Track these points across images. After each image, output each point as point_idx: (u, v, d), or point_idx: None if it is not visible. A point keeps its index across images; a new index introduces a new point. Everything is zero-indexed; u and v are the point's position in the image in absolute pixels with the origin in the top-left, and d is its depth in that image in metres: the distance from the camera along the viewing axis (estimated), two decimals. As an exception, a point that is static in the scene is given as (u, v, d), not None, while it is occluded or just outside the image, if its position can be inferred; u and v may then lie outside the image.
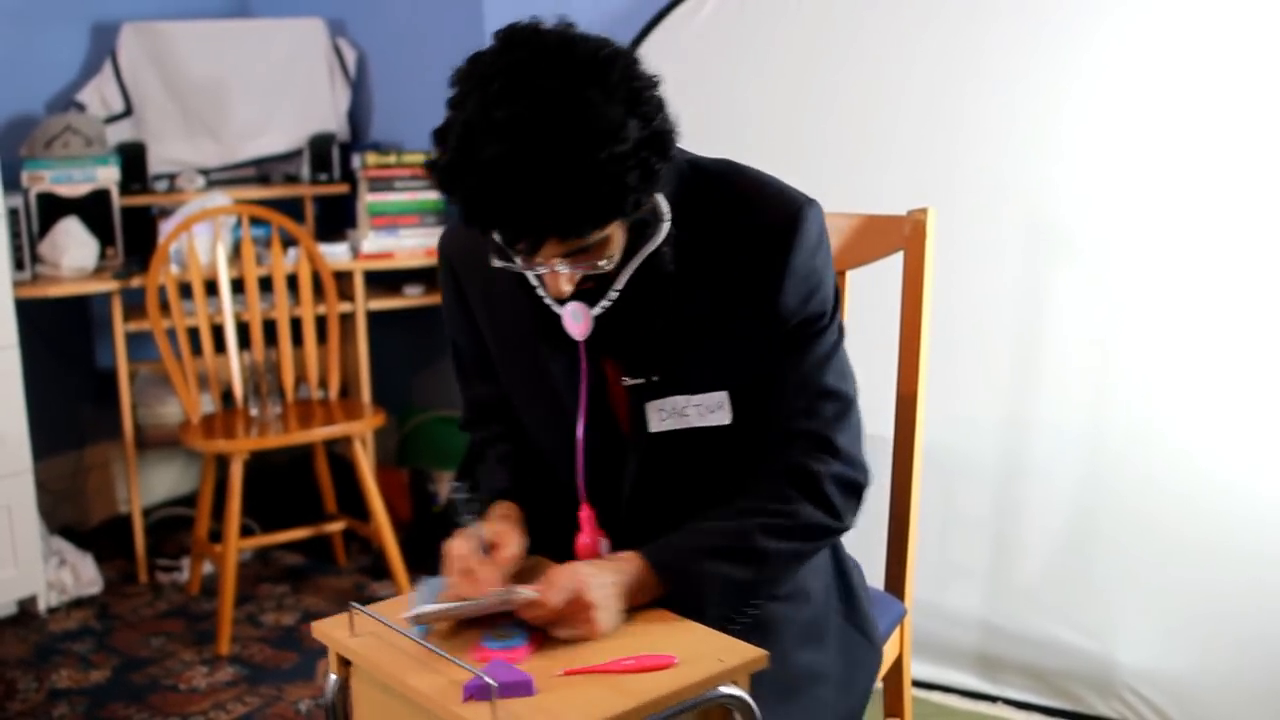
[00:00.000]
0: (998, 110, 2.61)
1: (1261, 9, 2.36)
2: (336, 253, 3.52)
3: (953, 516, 2.63)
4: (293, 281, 3.37)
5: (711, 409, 1.50)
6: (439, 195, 1.38)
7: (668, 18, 3.05)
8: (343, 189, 3.80)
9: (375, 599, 3.27)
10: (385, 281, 3.67)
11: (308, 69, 3.86)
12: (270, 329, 3.37)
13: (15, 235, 3.27)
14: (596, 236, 1.36)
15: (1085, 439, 2.51)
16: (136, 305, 3.46)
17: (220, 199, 3.47)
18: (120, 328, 3.34)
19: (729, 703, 1.30)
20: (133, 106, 3.72)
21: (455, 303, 1.66)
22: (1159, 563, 2.44)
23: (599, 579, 1.38)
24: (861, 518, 1.54)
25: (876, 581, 1.92)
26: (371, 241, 3.52)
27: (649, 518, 1.52)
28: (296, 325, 3.44)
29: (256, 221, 3.39)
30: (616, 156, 1.29)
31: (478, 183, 1.29)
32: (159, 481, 3.94)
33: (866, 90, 2.76)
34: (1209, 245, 2.40)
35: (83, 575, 3.33)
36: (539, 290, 1.48)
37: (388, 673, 1.32)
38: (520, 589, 1.36)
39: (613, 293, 1.46)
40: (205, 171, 3.77)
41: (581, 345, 1.50)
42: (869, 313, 2.09)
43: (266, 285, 3.36)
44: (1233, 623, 2.38)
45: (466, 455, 1.78)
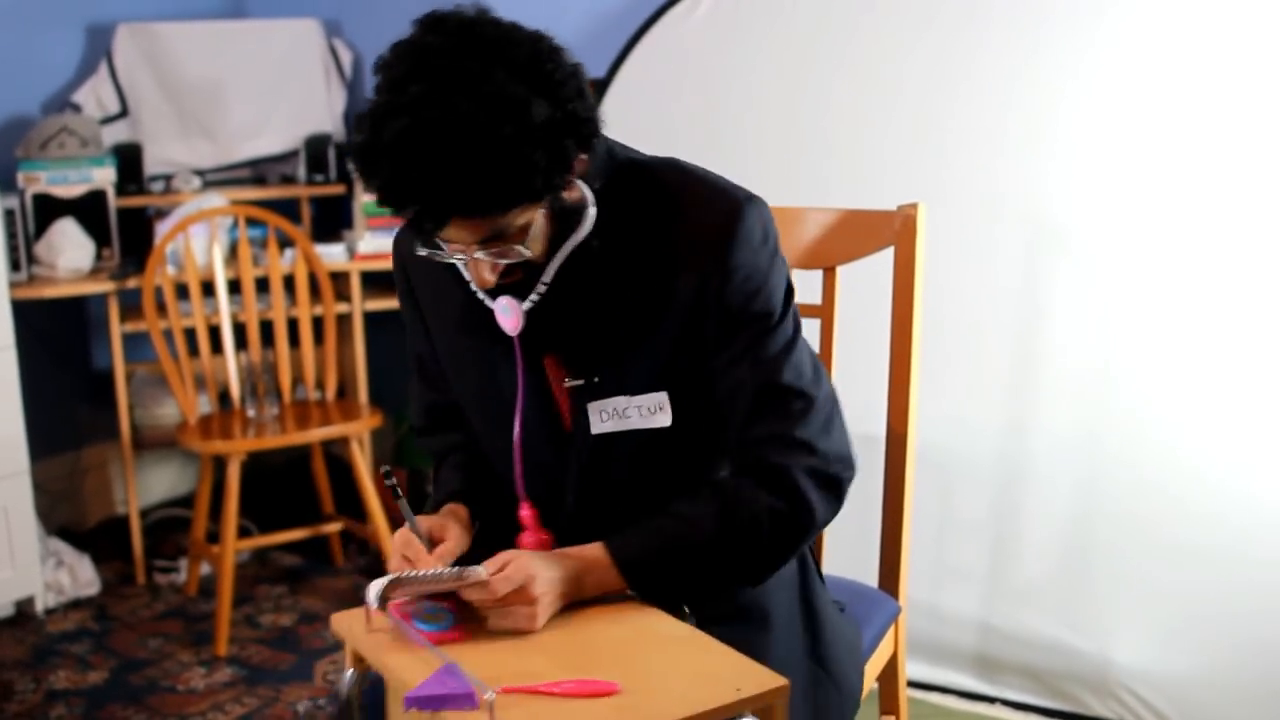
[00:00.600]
0: (994, 110, 2.61)
1: (1258, 8, 2.36)
2: (333, 253, 3.52)
3: (950, 517, 2.63)
4: (289, 282, 3.37)
5: (652, 410, 1.48)
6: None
7: (663, 18, 3.05)
8: (339, 190, 3.79)
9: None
10: (382, 282, 3.67)
11: (303, 70, 3.86)
12: (267, 330, 3.37)
13: (11, 236, 3.26)
14: (510, 221, 1.35)
15: (1082, 440, 2.51)
16: (133, 306, 3.45)
17: (216, 200, 3.47)
18: (117, 329, 3.34)
19: None
20: (128, 107, 3.72)
21: (407, 303, 1.66)
22: (1156, 564, 2.45)
23: (547, 574, 1.37)
24: (857, 516, 1.54)
25: (870, 579, 1.92)
26: (368, 242, 3.52)
27: (594, 518, 1.51)
28: (293, 326, 3.44)
29: (253, 222, 3.39)
30: (521, 133, 1.28)
31: (386, 162, 1.30)
32: (156, 482, 3.93)
33: (861, 90, 2.77)
34: (1205, 246, 2.40)
35: (80, 576, 3.33)
36: (471, 283, 1.47)
37: (389, 669, 1.31)
38: (474, 569, 1.36)
39: (541, 285, 1.44)
40: (201, 172, 3.77)
41: (516, 341, 1.49)
42: (861, 310, 2.09)
43: (263, 286, 3.37)
44: (1229, 624, 2.39)
45: (434, 467, 1.78)
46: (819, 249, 1.91)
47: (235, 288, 3.35)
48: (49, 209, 3.39)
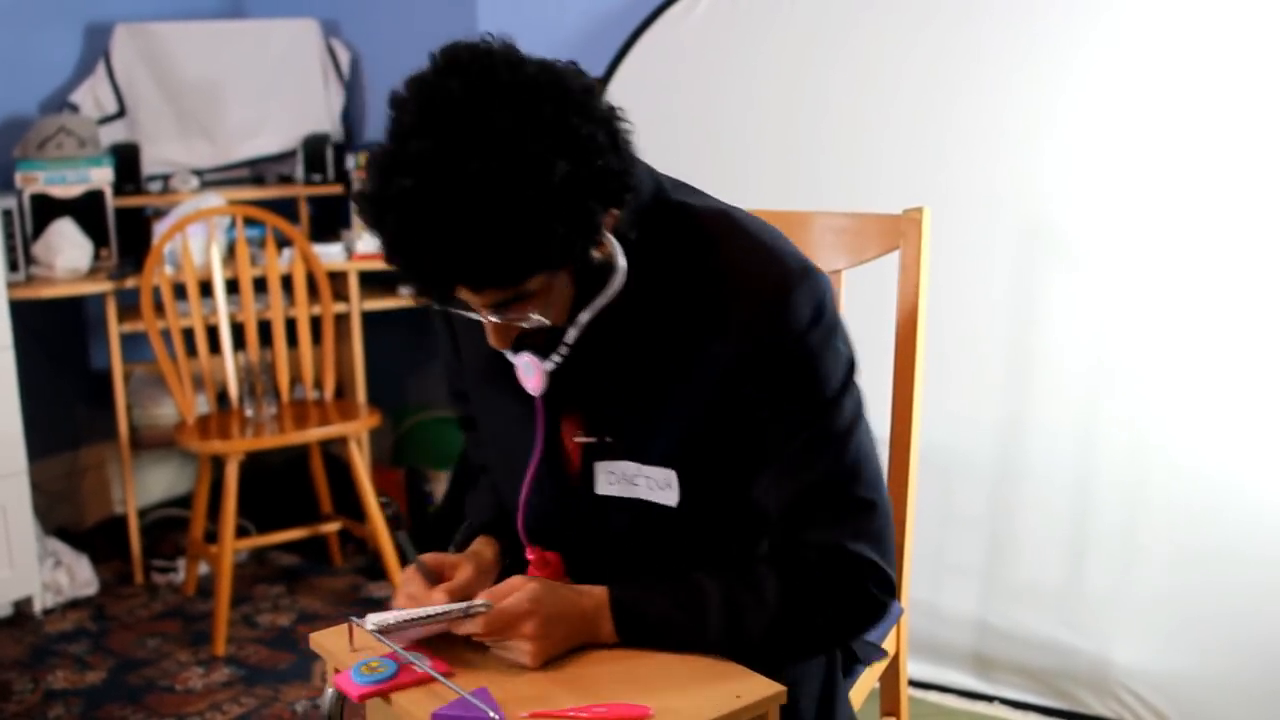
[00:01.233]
0: (992, 111, 2.61)
1: (1255, 9, 2.36)
2: (331, 253, 3.52)
3: (949, 517, 2.63)
4: (287, 282, 3.37)
5: (660, 485, 1.37)
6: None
7: (661, 18, 3.05)
8: (337, 189, 3.79)
9: (371, 600, 3.29)
10: (380, 282, 3.66)
11: (301, 70, 3.86)
12: (265, 330, 3.36)
13: (9, 236, 3.26)
14: (526, 287, 1.24)
15: (1081, 440, 2.51)
16: (131, 306, 3.45)
17: (214, 200, 3.46)
18: (115, 329, 3.34)
19: None
20: (126, 107, 3.71)
21: (442, 322, 1.59)
22: (1155, 563, 2.45)
23: (554, 609, 1.30)
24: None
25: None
26: (366, 242, 3.52)
27: (592, 574, 1.41)
28: (291, 326, 3.43)
29: (251, 222, 3.39)
30: (538, 199, 1.17)
31: (390, 219, 1.20)
32: (154, 482, 3.93)
33: (859, 90, 2.77)
34: (1203, 245, 2.40)
35: (78, 576, 3.33)
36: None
37: (386, 697, 1.27)
38: (474, 603, 1.30)
39: (563, 348, 1.34)
40: (199, 172, 3.76)
41: (538, 401, 1.39)
42: (864, 312, 2.09)
43: (261, 286, 3.36)
44: (1228, 623, 2.39)
45: (456, 473, 1.72)
46: (826, 253, 1.91)
47: (233, 288, 3.35)
48: (47, 209, 3.38)
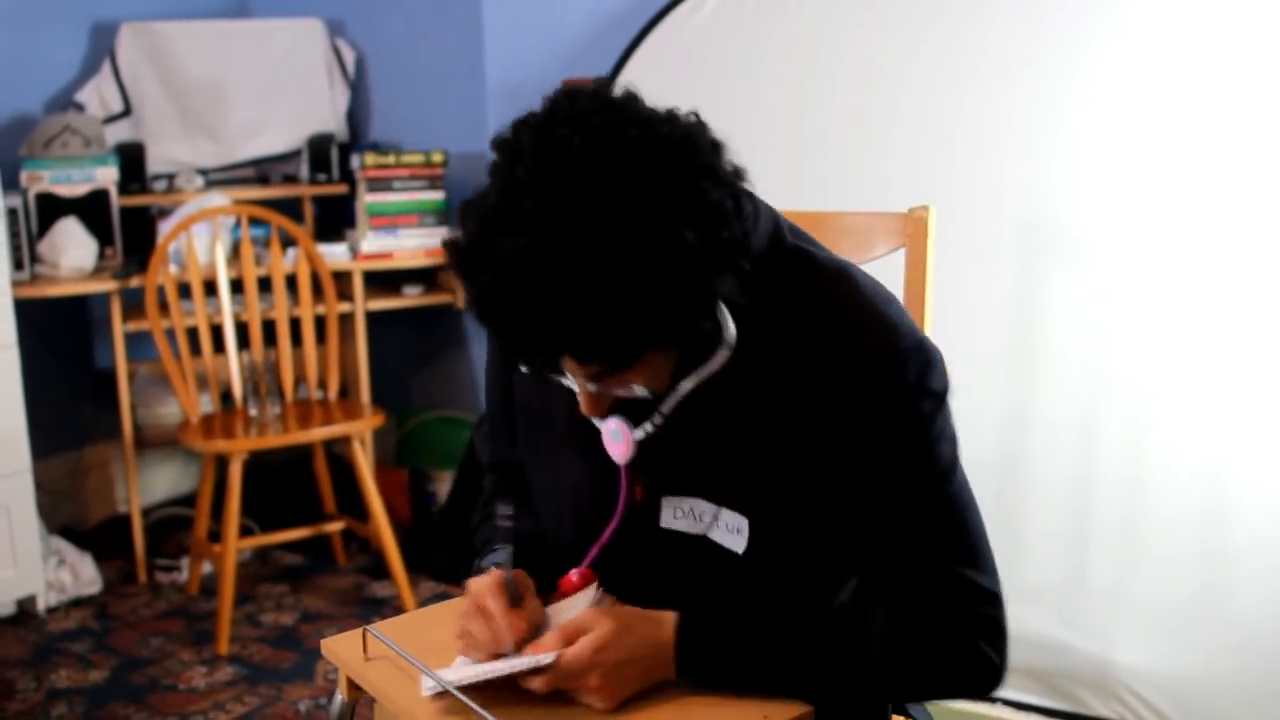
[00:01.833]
0: (997, 110, 2.61)
1: (1261, 9, 2.36)
2: (335, 253, 3.52)
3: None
4: (292, 282, 3.37)
5: (731, 529, 1.27)
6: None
7: (667, 18, 3.05)
8: (341, 189, 3.80)
9: (375, 599, 3.29)
10: (384, 281, 3.67)
11: (306, 69, 3.86)
12: (269, 329, 3.37)
13: (14, 235, 3.27)
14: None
15: (1083, 439, 2.51)
16: (135, 305, 3.45)
17: (219, 199, 3.47)
18: (119, 328, 3.34)
19: None
20: (131, 106, 3.72)
21: (496, 357, 1.48)
22: (1157, 563, 2.44)
23: (622, 653, 1.20)
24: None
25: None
26: (370, 242, 3.53)
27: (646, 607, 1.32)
28: (295, 325, 3.44)
29: (255, 222, 3.40)
30: (659, 272, 1.07)
31: (489, 279, 1.09)
32: (158, 481, 3.94)
33: (865, 90, 2.76)
34: (1207, 245, 2.40)
35: (82, 575, 3.33)
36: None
37: (401, 707, 1.24)
38: (542, 657, 1.21)
39: (657, 417, 1.25)
40: (204, 171, 3.77)
41: (624, 470, 1.30)
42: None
43: (265, 285, 3.37)
44: (1231, 623, 2.38)
45: (461, 474, 1.62)
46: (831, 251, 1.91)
47: (238, 287, 3.35)
48: (52, 208, 3.39)
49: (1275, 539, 2.33)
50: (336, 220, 3.91)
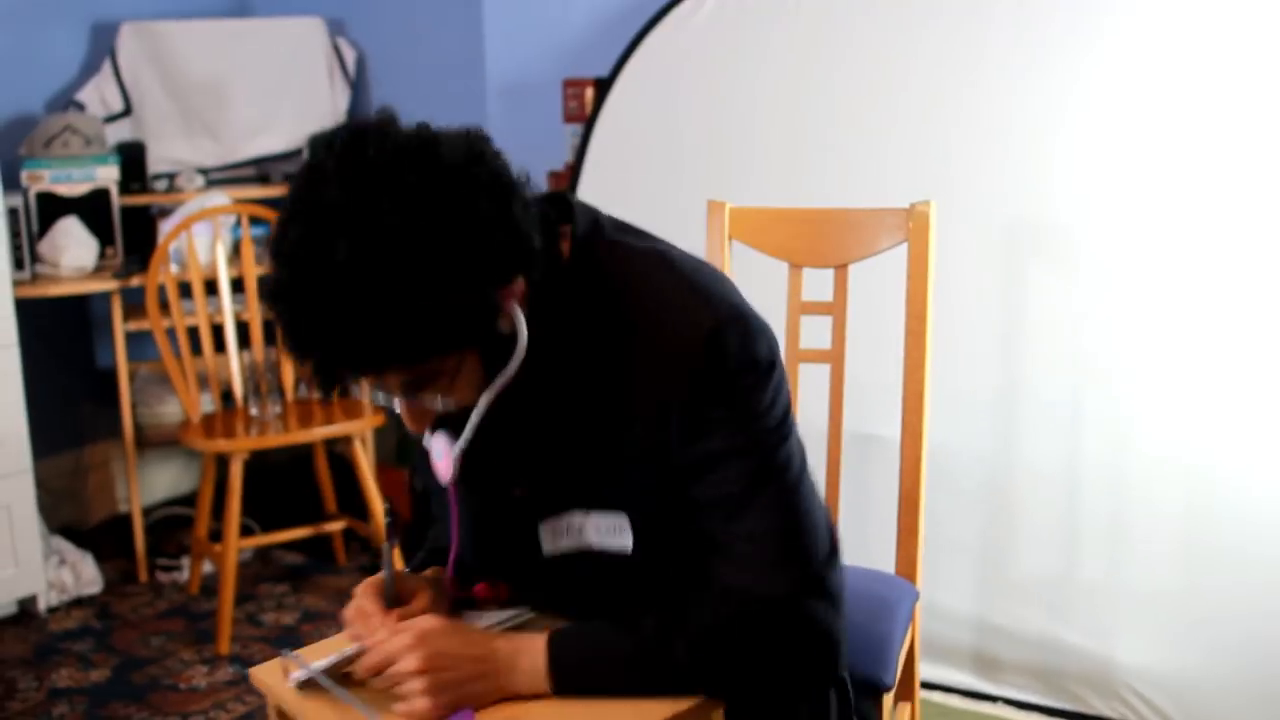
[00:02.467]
0: (996, 110, 2.61)
1: (1261, 11, 2.36)
2: (336, 252, 3.51)
3: (951, 515, 2.63)
4: (292, 281, 3.37)
5: (611, 531, 1.29)
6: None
7: (667, 18, 3.05)
8: (342, 188, 3.79)
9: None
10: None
11: (307, 68, 3.86)
12: (270, 328, 3.36)
13: (15, 235, 3.27)
14: (431, 368, 1.20)
15: (1085, 438, 2.51)
16: (136, 305, 3.46)
17: (220, 198, 3.47)
18: (120, 327, 3.34)
19: None
20: (132, 106, 3.72)
21: None
22: (1158, 562, 2.44)
23: (447, 645, 1.24)
24: (862, 512, 1.53)
25: (887, 566, 1.95)
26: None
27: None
28: (296, 325, 3.43)
29: (256, 221, 3.40)
30: (406, 285, 1.10)
31: (280, 309, 1.15)
32: (159, 481, 3.94)
33: (865, 89, 2.77)
34: (1209, 246, 2.40)
35: (83, 575, 3.33)
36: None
37: None
38: (361, 645, 1.28)
39: (468, 429, 1.26)
40: (205, 171, 3.77)
41: (452, 489, 1.32)
42: (865, 308, 2.10)
43: (266, 285, 3.36)
44: (1233, 622, 2.38)
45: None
46: (832, 247, 1.93)
47: (239, 286, 3.35)
48: (52, 207, 3.39)
49: (1277, 539, 2.33)
50: (337, 220, 3.90)
